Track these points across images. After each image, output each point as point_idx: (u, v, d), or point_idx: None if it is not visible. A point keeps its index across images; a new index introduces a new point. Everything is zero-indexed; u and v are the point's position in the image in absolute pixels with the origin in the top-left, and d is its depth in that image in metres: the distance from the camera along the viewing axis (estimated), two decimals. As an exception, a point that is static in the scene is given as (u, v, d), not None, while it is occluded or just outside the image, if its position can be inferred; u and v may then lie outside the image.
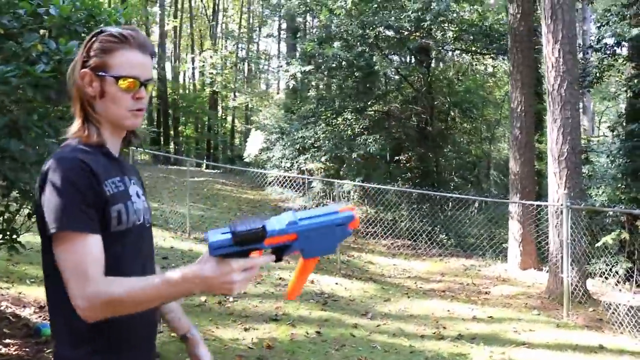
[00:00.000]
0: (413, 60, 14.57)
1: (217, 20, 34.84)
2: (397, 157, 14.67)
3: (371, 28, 12.71)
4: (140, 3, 29.37)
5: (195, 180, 19.30)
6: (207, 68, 30.52)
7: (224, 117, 37.40)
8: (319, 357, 5.04)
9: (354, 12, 12.68)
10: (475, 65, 16.58)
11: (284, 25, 27.93)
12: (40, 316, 4.95)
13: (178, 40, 36.43)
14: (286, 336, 5.49)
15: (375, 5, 12.61)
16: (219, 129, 35.98)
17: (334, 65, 13.77)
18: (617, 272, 8.45)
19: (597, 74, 10.64)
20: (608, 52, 10.52)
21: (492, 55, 14.64)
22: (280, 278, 7.75)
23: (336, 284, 7.91)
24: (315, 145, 14.32)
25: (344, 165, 13.87)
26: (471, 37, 13.48)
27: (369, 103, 14.50)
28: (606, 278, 8.36)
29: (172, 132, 33.28)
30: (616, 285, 8.46)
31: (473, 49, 14.39)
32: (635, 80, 9.65)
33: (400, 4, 12.17)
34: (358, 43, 13.24)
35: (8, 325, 4.66)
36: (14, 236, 3.87)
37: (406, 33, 12.58)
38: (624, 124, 10.19)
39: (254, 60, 25.03)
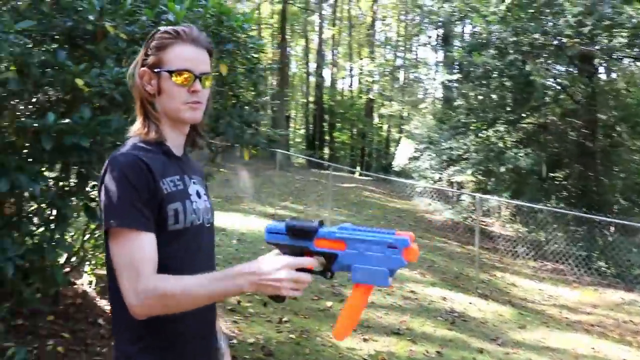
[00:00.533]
0: (574, 69, 13.39)
1: (374, 29, 35.14)
2: (553, 174, 13.62)
3: (526, 35, 11.91)
4: (300, 12, 30.54)
5: (344, 186, 19.64)
6: (364, 75, 30.89)
7: (379, 124, 37.65)
8: (435, 379, 4.78)
9: (509, 19, 11.97)
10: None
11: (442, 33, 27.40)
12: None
13: (336, 48, 37.32)
14: (404, 352, 5.29)
15: (532, 11, 11.78)
16: (373, 137, 36.27)
17: (483, 74, 13.13)
18: None
19: None
20: None
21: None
22: (411, 291, 7.53)
23: (470, 303, 7.50)
24: (464, 157, 13.78)
25: (492, 179, 13.17)
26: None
27: (522, 115, 13.62)
28: None
29: (327, 137, 34.20)
30: None
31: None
32: None
33: (559, 9, 11.22)
34: (511, 51, 12.48)
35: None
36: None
37: (565, 40, 11.59)
38: None
39: (409, 69, 24.81)
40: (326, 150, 34.01)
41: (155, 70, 1.51)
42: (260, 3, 29.00)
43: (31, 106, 3.00)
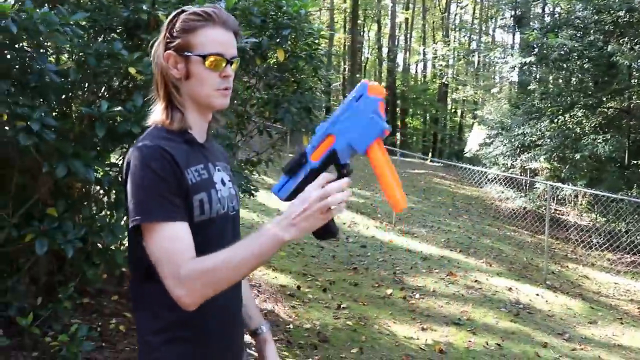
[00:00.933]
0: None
1: (449, 11, 34.28)
2: (635, 161, 12.85)
3: (609, 12, 11.21)
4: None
5: (414, 172, 19.41)
6: (437, 60, 30.26)
7: (453, 110, 36.90)
8: (493, 372, 4.66)
9: (590, -5, 11.29)
10: None
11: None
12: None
13: (410, 32, 36.74)
14: (463, 343, 5.18)
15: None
16: (446, 122, 35.60)
17: (561, 56, 12.49)
18: None
19: None
20: None
21: None
22: (475, 280, 7.36)
23: (537, 295, 7.24)
24: (538, 144, 13.24)
25: (567, 167, 12.59)
26: None
27: (603, 99, 12.89)
28: None
29: (398, 123, 33.84)
30: None
31: None
32: None
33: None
34: (591, 31, 11.79)
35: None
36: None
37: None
38: None
39: (484, 52, 24.06)
40: (398, 136, 33.67)
41: (185, 53, 1.43)
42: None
43: (88, 94, 3.13)
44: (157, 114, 1.49)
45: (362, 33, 34.84)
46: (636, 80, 13.26)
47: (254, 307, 1.77)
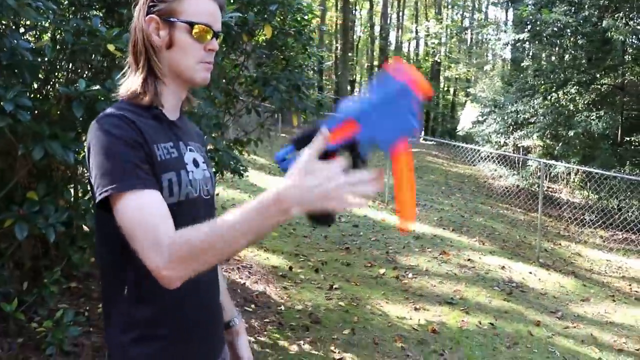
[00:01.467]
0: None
1: (442, -12, 34.01)
2: (628, 138, 12.82)
3: (606, -14, 11.08)
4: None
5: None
6: (430, 38, 30.06)
7: (446, 88, 36.76)
8: (485, 351, 4.63)
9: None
10: None
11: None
12: (221, 268, 5.30)
13: (402, 10, 36.43)
14: (456, 322, 5.16)
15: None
16: (439, 101, 35.47)
17: (555, 32, 12.35)
18: None
19: None
20: None
21: None
22: (468, 259, 7.35)
23: (530, 273, 7.23)
24: (531, 121, 13.19)
25: (560, 144, 12.55)
26: None
27: (597, 75, 12.80)
28: None
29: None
30: None
31: None
32: None
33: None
34: (586, 6, 11.65)
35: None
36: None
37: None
38: None
39: (476, 29, 23.90)
40: (390, 115, 33.50)
41: (170, 19, 1.30)
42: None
43: (69, 74, 3.02)
44: (128, 85, 1.34)
45: (354, 11, 34.49)
46: (630, 57, 13.17)
47: (227, 298, 1.66)
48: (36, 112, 2.71)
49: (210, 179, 1.45)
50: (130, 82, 1.34)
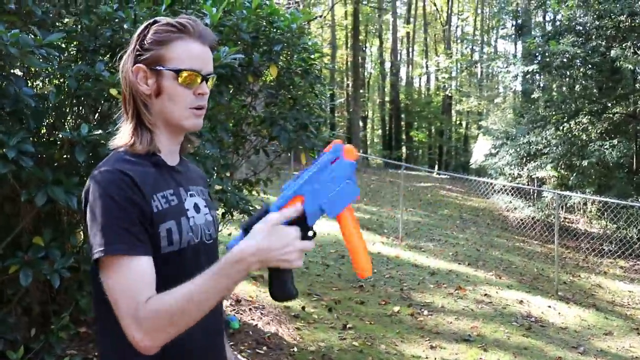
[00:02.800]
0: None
1: (450, 24, 34.40)
2: (644, 167, 12.69)
3: (610, 17, 11.11)
4: (373, 11, 30.33)
5: (420, 185, 19.29)
6: (440, 72, 30.28)
7: (458, 122, 36.85)
8: (505, 390, 4.49)
9: (591, 1, 11.19)
10: None
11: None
12: (233, 309, 5.25)
13: (412, 46, 36.85)
14: (474, 361, 5.02)
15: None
16: (451, 134, 35.53)
17: (564, 63, 12.38)
18: None
19: None
20: None
21: None
22: (485, 294, 7.20)
23: (549, 307, 7.05)
24: (544, 152, 13.11)
25: (574, 174, 12.42)
26: None
27: (608, 104, 12.74)
28: None
29: (403, 137, 33.79)
30: None
31: None
32: None
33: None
34: (593, 36, 11.68)
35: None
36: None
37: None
38: None
39: (486, 63, 24.06)
40: (403, 150, 33.58)
41: (156, 67, 1.32)
42: (333, 4, 29.01)
43: (75, 119, 3.05)
44: (122, 136, 1.36)
45: (364, 48, 34.96)
46: (640, 85, 13.13)
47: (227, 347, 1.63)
48: (42, 157, 2.73)
49: (212, 223, 1.45)
50: (122, 133, 1.37)
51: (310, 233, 1.22)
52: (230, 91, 4.16)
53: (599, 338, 6.14)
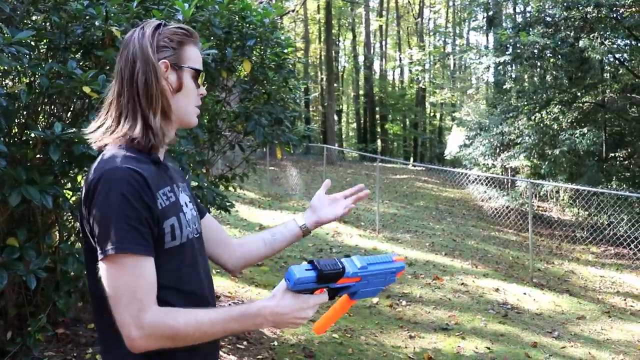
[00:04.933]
0: (633, 41, 12.61)
1: (422, 17, 34.57)
2: (613, 154, 12.95)
3: (578, 8, 11.31)
4: (345, 5, 30.31)
5: (396, 177, 19.41)
6: (413, 65, 30.43)
7: (432, 114, 37.12)
8: (483, 376, 4.57)
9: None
10: None
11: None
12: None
13: (385, 39, 36.95)
14: (452, 349, 5.10)
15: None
16: (426, 126, 35.78)
17: (534, 54, 12.58)
18: None
19: None
20: None
21: None
22: (462, 283, 7.30)
23: (524, 294, 7.19)
24: (517, 142, 13.32)
25: (546, 163, 12.65)
26: None
27: (578, 94, 12.99)
28: None
29: (378, 130, 33.93)
30: None
31: None
32: None
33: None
34: (562, 27, 11.88)
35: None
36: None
37: (622, 10, 10.91)
38: None
39: (458, 54, 24.25)
40: (378, 143, 33.73)
41: (180, 65, 1.39)
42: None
43: (47, 117, 3.01)
44: (129, 129, 1.34)
45: (337, 42, 34.95)
46: (609, 74, 13.39)
47: (278, 228, 1.72)
48: (15, 156, 2.69)
49: (197, 217, 1.51)
50: (126, 126, 1.34)
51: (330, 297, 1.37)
52: (205, 87, 4.14)
53: (573, 322, 6.29)
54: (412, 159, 30.85)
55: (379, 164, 12.75)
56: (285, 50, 4.73)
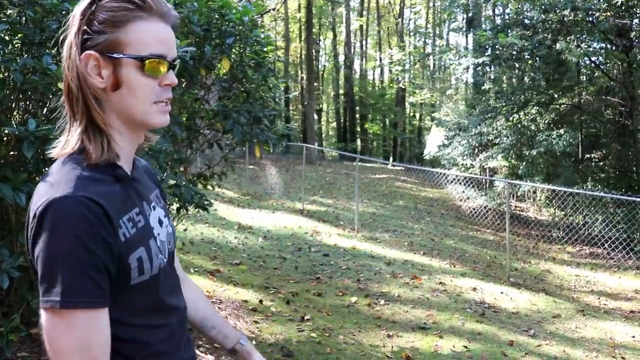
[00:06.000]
0: (608, 45, 12.84)
1: (403, 17, 34.75)
2: (589, 155, 13.17)
3: (555, 11, 11.48)
4: (326, 4, 30.33)
5: (376, 177, 19.48)
6: (393, 65, 30.59)
7: (412, 114, 37.33)
8: (460, 375, 4.60)
9: (537, -5, 11.56)
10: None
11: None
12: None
13: (365, 39, 37.07)
14: (430, 347, 5.12)
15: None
16: (405, 126, 35.98)
17: (512, 55, 12.75)
18: None
19: None
20: None
21: None
22: (440, 282, 7.35)
23: (501, 293, 7.26)
24: (495, 142, 13.47)
25: (524, 164, 12.82)
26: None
27: (555, 96, 13.19)
28: None
29: (358, 129, 34.03)
30: None
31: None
32: None
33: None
34: (540, 30, 12.06)
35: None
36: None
37: (597, 14, 11.11)
38: None
39: (438, 55, 24.42)
40: (358, 142, 33.84)
41: (113, 55, 1.08)
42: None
43: (15, 113, 2.96)
44: (70, 141, 1.11)
45: (318, 41, 34.98)
46: (585, 77, 13.60)
47: (225, 324, 1.55)
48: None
49: (172, 234, 1.31)
50: (71, 137, 1.12)
51: None
52: (183, 85, 4.11)
53: (548, 321, 6.37)
54: (391, 158, 31.01)
55: (359, 163, 12.78)
56: (265, 49, 4.71)
